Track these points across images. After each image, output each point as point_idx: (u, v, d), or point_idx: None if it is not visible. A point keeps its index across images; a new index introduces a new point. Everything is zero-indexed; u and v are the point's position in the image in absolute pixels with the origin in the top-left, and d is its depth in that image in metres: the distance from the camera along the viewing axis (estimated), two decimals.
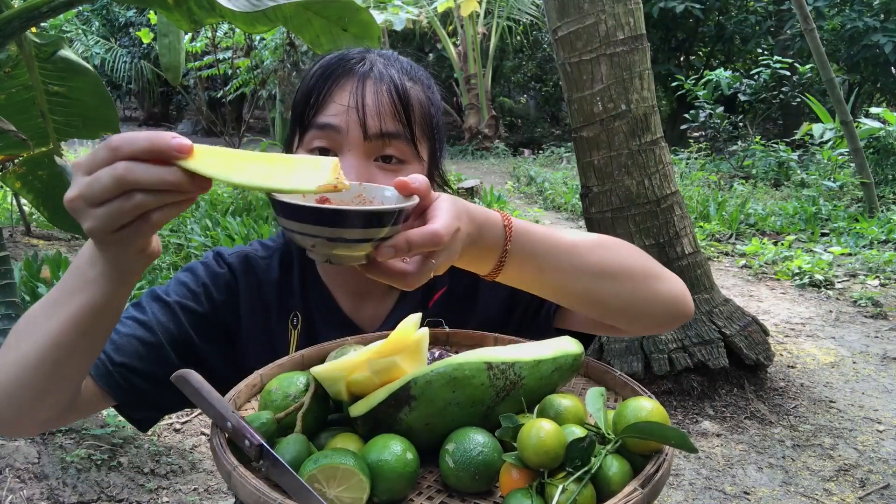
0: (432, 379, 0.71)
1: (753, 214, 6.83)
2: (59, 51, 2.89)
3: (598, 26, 3.02)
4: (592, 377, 0.91)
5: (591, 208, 3.25)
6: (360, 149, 0.93)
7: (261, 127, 16.07)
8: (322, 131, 0.93)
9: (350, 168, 0.91)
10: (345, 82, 0.95)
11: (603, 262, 0.85)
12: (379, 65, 0.98)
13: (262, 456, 0.67)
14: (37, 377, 0.74)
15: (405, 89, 0.96)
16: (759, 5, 13.01)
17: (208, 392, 0.74)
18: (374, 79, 0.95)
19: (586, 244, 0.85)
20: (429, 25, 12.09)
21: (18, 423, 0.81)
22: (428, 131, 1.00)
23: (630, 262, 0.88)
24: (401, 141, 0.94)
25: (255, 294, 1.05)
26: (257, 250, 1.10)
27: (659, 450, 0.69)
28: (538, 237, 0.81)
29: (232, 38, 8.47)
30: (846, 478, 2.68)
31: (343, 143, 0.93)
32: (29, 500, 2.33)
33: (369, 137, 0.92)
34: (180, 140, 0.57)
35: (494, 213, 0.78)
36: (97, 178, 0.58)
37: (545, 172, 10.12)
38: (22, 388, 0.75)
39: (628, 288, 0.87)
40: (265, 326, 1.04)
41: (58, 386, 0.77)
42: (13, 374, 0.75)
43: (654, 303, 0.90)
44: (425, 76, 1.04)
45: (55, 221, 3.42)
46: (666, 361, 3.10)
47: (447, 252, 0.70)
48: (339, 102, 0.93)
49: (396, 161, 0.95)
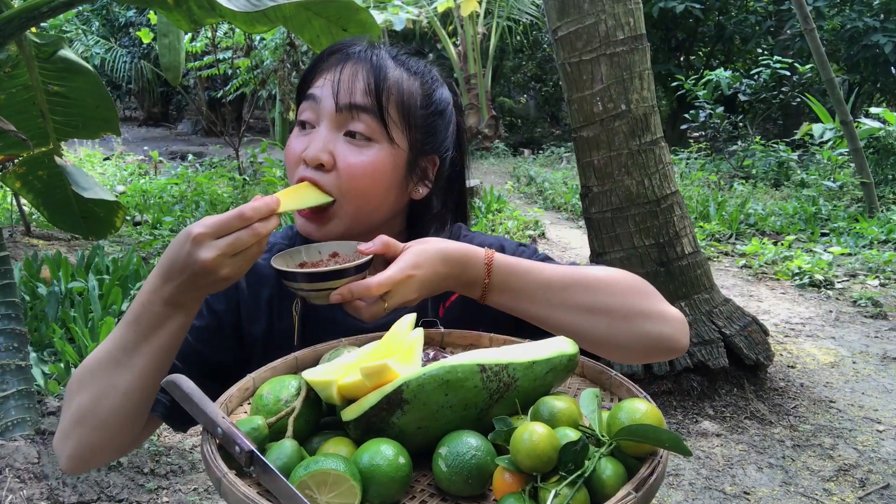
0: (425, 382, 0.71)
1: (753, 214, 6.83)
2: (59, 51, 2.89)
3: (598, 26, 3.02)
4: (588, 377, 0.91)
5: (591, 208, 3.25)
6: (332, 120, 0.98)
7: (261, 127, 16.07)
8: (306, 101, 1.01)
9: (318, 138, 0.97)
10: (336, 60, 1.00)
11: (579, 300, 0.92)
12: (374, 50, 1.02)
13: (253, 462, 0.67)
14: (130, 405, 0.86)
15: (385, 70, 0.99)
16: (759, 5, 12.99)
17: (199, 398, 0.73)
18: (360, 58, 1.00)
19: (566, 282, 0.93)
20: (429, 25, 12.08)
21: (101, 452, 0.91)
22: (407, 118, 1.01)
23: (612, 301, 0.93)
24: (369, 116, 0.97)
25: (256, 291, 1.06)
26: None
27: (653, 452, 0.69)
28: (518, 273, 0.92)
29: (232, 38, 8.47)
30: (846, 478, 2.67)
31: (320, 113, 0.98)
32: (29, 500, 2.33)
33: (339, 109, 0.97)
34: (274, 199, 0.83)
35: (478, 252, 0.90)
36: (238, 238, 0.79)
37: (545, 172, 10.11)
38: (115, 416, 0.86)
39: (603, 324, 0.93)
40: (269, 322, 1.06)
41: (141, 413, 0.90)
42: (109, 404, 0.86)
43: (634, 340, 0.94)
44: (428, 73, 1.05)
45: (55, 221, 3.42)
46: (666, 361, 3.10)
47: (399, 295, 0.84)
48: (324, 76, 0.99)
49: (362, 137, 0.97)
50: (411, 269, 0.85)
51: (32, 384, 2.73)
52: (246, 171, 7.77)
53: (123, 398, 0.85)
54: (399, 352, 0.79)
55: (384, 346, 0.82)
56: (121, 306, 3.73)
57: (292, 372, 0.87)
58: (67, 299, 3.73)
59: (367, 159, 0.97)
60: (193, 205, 6.45)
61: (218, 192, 6.91)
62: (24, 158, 3.04)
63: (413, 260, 0.86)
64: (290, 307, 1.04)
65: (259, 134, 14.06)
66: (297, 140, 1.01)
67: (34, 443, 2.58)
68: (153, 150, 10.43)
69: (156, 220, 5.97)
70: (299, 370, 0.86)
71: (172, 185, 7.44)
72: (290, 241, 1.12)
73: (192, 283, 0.80)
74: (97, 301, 3.65)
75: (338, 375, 0.75)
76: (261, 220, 0.81)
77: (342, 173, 0.97)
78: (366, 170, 0.97)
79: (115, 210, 3.26)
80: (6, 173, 3.09)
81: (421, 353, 0.81)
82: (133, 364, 0.84)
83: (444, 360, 0.73)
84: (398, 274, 0.84)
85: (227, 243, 0.78)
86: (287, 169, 1.05)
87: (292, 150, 1.01)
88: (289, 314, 1.04)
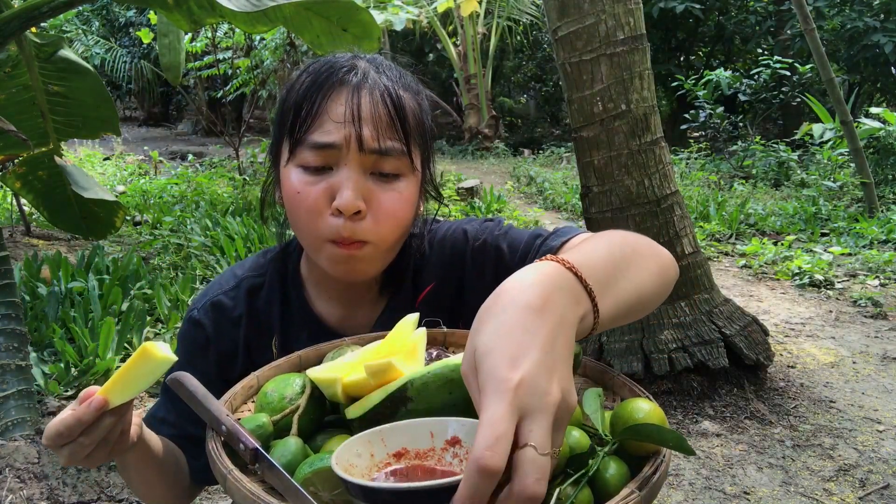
0: (429, 380, 0.71)
1: (753, 214, 6.83)
2: (59, 51, 2.89)
3: (598, 26, 3.02)
4: (590, 377, 0.91)
5: (591, 208, 3.25)
6: (357, 162, 0.91)
7: (261, 127, 16.06)
8: (320, 151, 0.91)
9: (348, 183, 0.90)
10: (337, 95, 0.92)
11: (641, 267, 0.78)
12: (372, 73, 0.95)
13: (257, 459, 0.67)
14: (156, 492, 1.03)
15: (400, 100, 0.94)
16: (759, 5, 13.00)
17: (203, 395, 0.73)
18: (369, 89, 0.92)
19: (618, 257, 0.75)
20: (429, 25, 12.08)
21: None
22: (420, 140, 0.98)
23: (648, 253, 0.83)
24: (397, 153, 0.93)
25: (228, 337, 1.06)
26: (224, 286, 1.10)
27: (657, 451, 0.69)
28: (599, 267, 0.69)
29: (232, 38, 8.47)
30: (846, 478, 2.67)
31: (339, 158, 0.91)
32: (29, 500, 2.33)
33: (365, 151, 0.91)
34: (96, 402, 0.76)
35: (551, 273, 0.62)
36: (71, 451, 0.78)
37: (545, 172, 10.11)
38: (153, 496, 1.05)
39: (657, 279, 0.81)
40: (247, 361, 1.05)
41: (172, 486, 1.04)
42: (143, 493, 1.04)
43: (668, 283, 0.85)
44: (414, 81, 1.01)
45: (55, 221, 3.42)
46: (666, 361, 3.10)
47: (541, 427, 0.51)
48: (333, 119, 0.91)
49: (392, 176, 0.94)
50: (513, 396, 0.51)
51: (32, 384, 2.73)
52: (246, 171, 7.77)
53: (147, 488, 1.01)
54: (402, 351, 0.79)
55: (387, 345, 0.82)
56: (121, 306, 3.73)
57: (296, 370, 0.87)
58: (67, 299, 3.73)
59: (400, 197, 0.94)
60: (193, 205, 6.45)
61: (218, 192, 6.91)
62: (24, 158, 3.04)
63: (502, 392, 0.51)
64: (269, 343, 1.04)
65: (259, 134, 14.06)
66: (311, 187, 0.92)
67: (34, 443, 2.58)
68: (153, 150, 10.43)
69: (156, 220, 5.97)
70: (303, 369, 0.86)
71: (172, 185, 7.43)
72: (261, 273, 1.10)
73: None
74: (97, 301, 3.65)
75: (342, 373, 0.75)
76: (84, 431, 0.78)
77: (380, 217, 0.92)
78: (402, 208, 0.94)
79: (115, 210, 3.26)
80: (6, 173, 3.09)
81: (424, 353, 0.81)
82: (132, 477, 0.99)
83: (449, 359, 0.73)
84: (504, 418, 0.50)
85: (68, 455, 0.79)
86: (297, 218, 0.95)
87: (310, 199, 0.91)
88: (268, 349, 1.03)
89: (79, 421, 0.76)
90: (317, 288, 1.07)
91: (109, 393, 0.77)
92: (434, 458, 0.63)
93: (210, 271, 4.61)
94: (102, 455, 0.81)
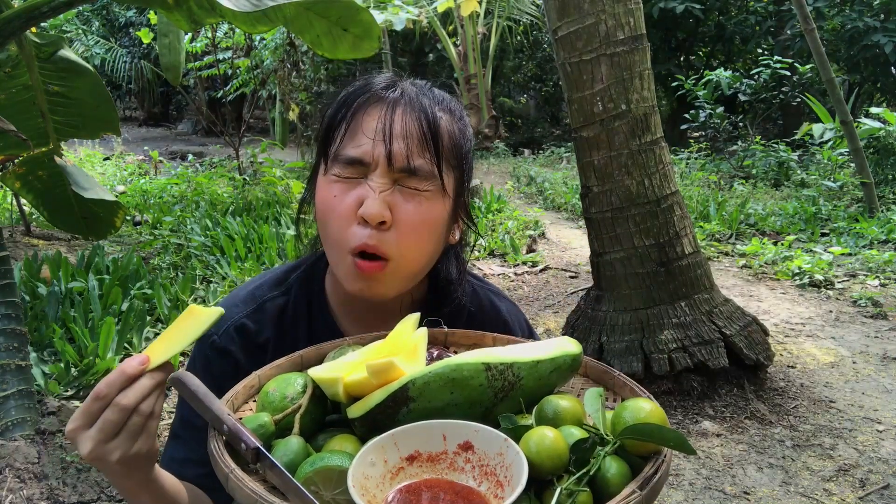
0: (430, 380, 0.71)
1: (753, 214, 6.83)
2: (59, 51, 2.89)
3: (598, 26, 3.02)
4: (592, 377, 0.91)
5: (591, 208, 3.25)
6: (386, 173, 0.91)
7: (261, 127, 16.07)
8: (351, 164, 0.92)
9: (375, 192, 0.90)
10: (373, 110, 0.93)
11: None
12: (410, 92, 0.95)
13: (259, 459, 0.67)
14: None
15: (435, 119, 0.93)
16: (759, 5, 13.00)
17: (205, 395, 0.73)
18: (404, 107, 0.92)
19: None
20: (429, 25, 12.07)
21: None
22: (455, 162, 0.97)
23: None
24: (427, 172, 0.92)
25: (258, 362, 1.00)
26: (244, 308, 1.06)
27: (657, 451, 0.69)
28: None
29: (232, 38, 8.47)
30: (846, 478, 2.67)
31: (369, 172, 0.92)
32: (29, 500, 2.33)
33: (394, 168, 0.91)
34: (138, 358, 0.75)
35: None
36: (105, 420, 0.74)
37: (545, 172, 10.11)
38: None
39: None
40: None
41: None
42: None
43: None
44: (457, 106, 1.01)
45: (55, 221, 3.42)
46: (666, 361, 3.10)
47: None
48: (366, 133, 0.91)
49: (418, 192, 0.93)
50: None
51: (32, 384, 2.73)
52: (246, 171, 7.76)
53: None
54: (403, 350, 0.79)
55: (388, 345, 0.82)
56: (121, 306, 3.73)
57: (297, 370, 0.87)
58: (67, 299, 3.73)
59: (426, 214, 0.93)
60: (193, 205, 6.44)
61: (218, 192, 6.90)
62: (24, 158, 3.04)
63: None
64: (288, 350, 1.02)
65: (259, 134, 14.06)
66: (342, 193, 0.93)
67: (34, 443, 2.57)
68: (153, 150, 10.43)
69: (156, 220, 5.97)
70: (304, 368, 0.86)
71: (172, 185, 7.43)
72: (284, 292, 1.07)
73: (107, 475, 0.80)
74: (97, 301, 3.65)
75: (344, 373, 0.75)
76: (123, 389, 0.74)
77: (404, 231, 0.92)
78: (426, 225, 0.94)
79: (115, 210, 3.26)
80: (6, 173, 3.09)
81: (425, 352, 0.81)
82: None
83: (450, 359, 0.73)
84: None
85: (98, 430, 0.74)
86: (326, 228, 0.96)
87: (339, 208, 0.92)
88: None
89: (122, 372, 0.74)
90: (342, 308, 1.06)
91: (152, 352, 0.77)
92: (446, 462, 0.65)
93: (210, 271, 4.61)
94: (127, 442, 0.75)
